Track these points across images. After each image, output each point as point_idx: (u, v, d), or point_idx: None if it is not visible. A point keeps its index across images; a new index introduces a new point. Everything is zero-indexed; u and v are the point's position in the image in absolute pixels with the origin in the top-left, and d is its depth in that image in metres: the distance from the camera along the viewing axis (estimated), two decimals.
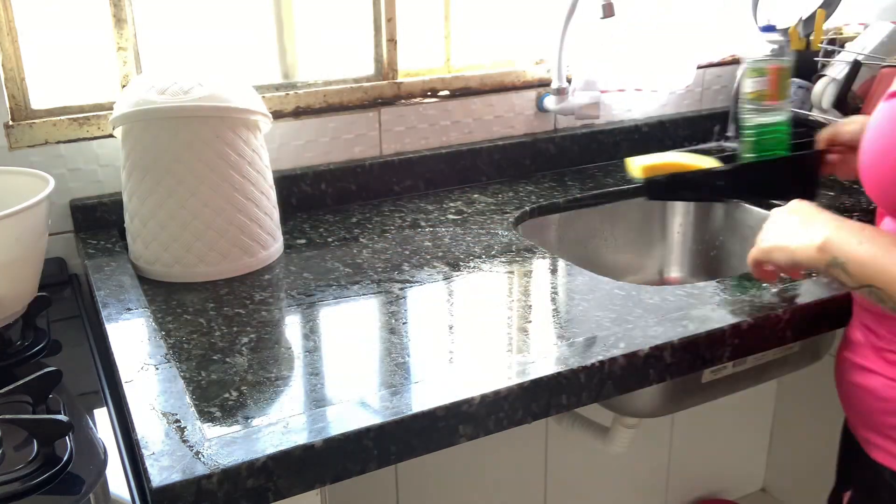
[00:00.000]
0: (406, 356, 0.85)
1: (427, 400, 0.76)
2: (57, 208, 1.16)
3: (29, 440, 0.73)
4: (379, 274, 1.06)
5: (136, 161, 1.03)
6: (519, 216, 1.28)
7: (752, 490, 1.87)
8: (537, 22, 1.46)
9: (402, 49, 1.35)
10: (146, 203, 1.03)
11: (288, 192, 1.27)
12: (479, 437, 0.78)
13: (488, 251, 1.13)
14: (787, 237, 0.86)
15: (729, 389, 1.12)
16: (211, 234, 1.03)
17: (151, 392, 0.78)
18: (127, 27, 1.17)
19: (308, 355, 0.86)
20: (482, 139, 1.45)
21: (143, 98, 1.01)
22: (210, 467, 0.66)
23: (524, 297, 0.99)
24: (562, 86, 1.41)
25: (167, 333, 0.90)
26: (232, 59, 1.27)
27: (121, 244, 1.13)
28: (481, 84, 1.42)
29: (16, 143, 1.12)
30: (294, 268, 1.09)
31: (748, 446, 1.82)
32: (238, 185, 1.04)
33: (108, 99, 1.19)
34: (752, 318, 0.91)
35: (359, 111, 1.33)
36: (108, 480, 0.72)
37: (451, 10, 1.40)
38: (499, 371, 0.81)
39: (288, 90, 1.28)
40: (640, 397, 1.09)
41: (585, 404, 0.84)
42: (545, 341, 0.88)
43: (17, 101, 1.13)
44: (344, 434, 0.71)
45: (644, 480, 1.71)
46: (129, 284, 1.02)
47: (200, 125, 1.01)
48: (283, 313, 0.96)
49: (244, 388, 0.79)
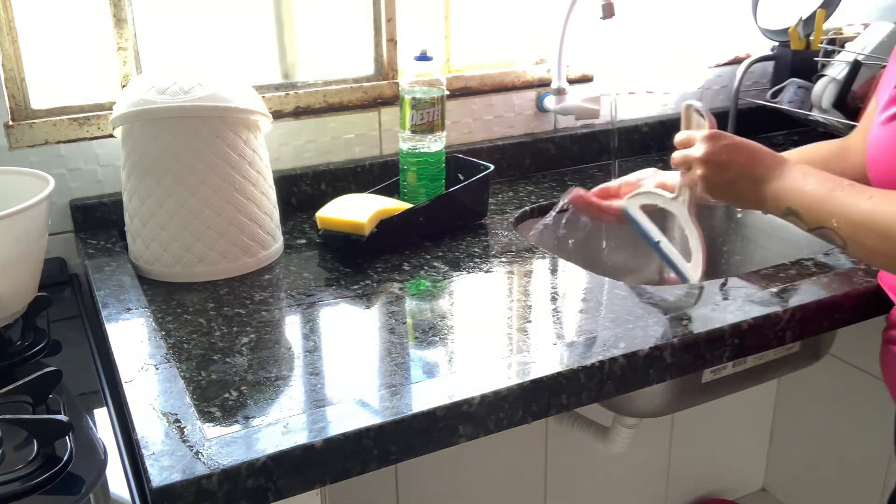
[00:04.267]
0: (406, 356, 0.85)
1: (427, 400, 0.76)
2: (57, 208, 1.16)
3: (29, 440, 0.74)
4: (379, 274, 1.06)
5: (136, 161, 1.03)
6: (519, 216, 1.28)
7: (752, 490, 1.87)
8: (537, 22, 1.46)
9: (401, 49, 1.35)
10: (146, 203, 1.03)
11: (288, 192, 1.27)
12: (479, 437, 0.78)
13: (488, 251, 1.13)
14: (735, 196, 0.90)
15: (729, 389, 1.12)
16: (211, 234, 1.03)
17: (151, 392, 0.78)
18: (127, 27, 1.17)
19: (308, 355, 0.86)
20: (482, 139, 1.45)
21: (143, 98, 1.01)
22: (210, 467, 0.66)
23: (524, 297, 0.99)
24: (562, 86, 1.41)
25: (167, 333, 0.90)
26: (232, 59, 1.27)
27: (121, 244, 1.13)
28: (481, 84, 1.42)
29: (16, 143, 1.12)
30: (294, 268, 1.09)
31: (748, 446, 1.82)
32: (238, 185, 1.04)
33: (108, 99, 1.19)
34: (752, 318, 0.91)
35: (359, 111, 1.33)
36: (108, 480, 0.72)
37: (451, 10, 1.40)
38: (499, 371, 0.81)
39: (288, 90, 1.28)
40: (640, 397, 1.09)
41: (585, 404, 0.84)
42: (545, 341, 0.88)
43: (17, 101, 1.13)
44: (344, 434, 0.71)
45: (644, 480, 1.71)
46: (129, 284, 1.02)
47: (200, 125, 1.01)
48: (283, 313, 0.96)
49: (244, 388, 0.79)
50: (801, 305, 0.94)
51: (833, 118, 1.40)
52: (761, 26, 1.60)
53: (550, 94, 1.43)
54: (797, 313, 0.94)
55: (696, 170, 0.92)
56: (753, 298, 0.96)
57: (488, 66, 1.45)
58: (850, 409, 1.57)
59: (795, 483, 1.80)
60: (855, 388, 1.54)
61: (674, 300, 0.96)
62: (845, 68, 1.38)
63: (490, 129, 1.45)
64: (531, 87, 1.46)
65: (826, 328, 0.99)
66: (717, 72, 1.64)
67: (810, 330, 0.97)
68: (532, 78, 1.46)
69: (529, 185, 1.41)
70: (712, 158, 0.90)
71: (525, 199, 1.34)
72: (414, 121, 1.17)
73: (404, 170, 1.22)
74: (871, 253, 0.79)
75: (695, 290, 1.00)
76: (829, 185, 0.82)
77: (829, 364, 1.58)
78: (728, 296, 0.98)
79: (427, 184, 1.21)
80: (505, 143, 1.44)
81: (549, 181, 1.43)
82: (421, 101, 1.16)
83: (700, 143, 0.91)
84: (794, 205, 0.84)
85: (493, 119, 1.45)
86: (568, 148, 1.50)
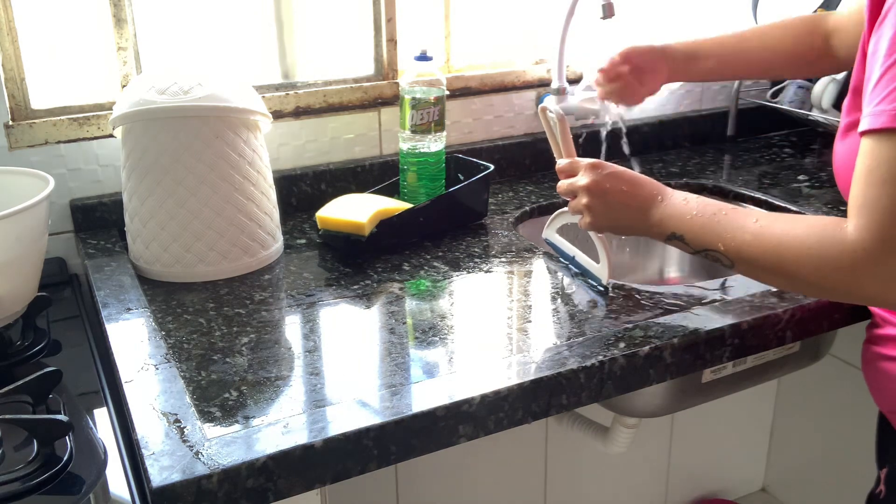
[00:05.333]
0: (406, 356, 0.85)
1: (427, 400, 0.76)
2: (57, 208, 1.16)
3: (29, 440, 0.74)
4: (379, 274, 1.06)
5: (136, 161, 1.03)
6: (519, 216, 1.28)
7: (752, 490, 1.88)
8: (537, 22, 1.46)
9: (402, 49, 1.35)
10: (146, 203, 1.03)
11: (288, 192, 1.27)
12: (479, 437, 0.78)
13: (488, 251, 1.13)
14: (619, 225, 0.93)
15: (729, 389, 1.12)
16: (211, 234, 1.03)
17: (151, 392, 0.78)
18: (127, 27, 1.17)
19: (308, 355, 0.86)
20: (482, 139, 1.45)
21: (143, 98, 1.01)
22: (210, 467, 0.66)
23: (524, 297, 0.99)
24: (562, 86, 1.41)
25: (167, 333, 0.90)
26: (232, 59, 1.27)
27: (121, 244, 1.13)
28: (481, 84, 1.42)
29: (16, 143, 1.12)
30: (294, 268, 1.09)
31: (748, 446, 1.82)
32: (238, 185, 1.04)
33: (108, 99, 1.19)
34: (752, 318, 0.91)
35: (359, 111, 1.33)
36: (108, 480, 0.72)
37: (451, 10, 1.40)
38: (499, 371, 0.81)
39: (288, 90, 1.28)
40: (640, 397, 1.09)
41: (585, 404, 0.84)
42: (545, 341, 0.88)
43: (17, 101, 1.13)
44: (344, 434, 0.71)
45: (644, 480, 1.71)
46: (129, 284, 1.02)
47: (200, 125, 1.01)
48: (283, 313, 0.96)
49: (244, 388, 0.79)
50: (801, 305, 0.94)
51: (833, 118, 1.40)
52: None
53: (550, 94, 1.43)
54: (797, 313, 0.94)
55: (581, 198, 0.94)
56: (753, 298, 0.96)
57: (488, 66, 1.45)
58: (850, 409, 1.57)
59: (795, 483, 1.80)
60: (855, 388, 1.53)
61: (674, 300, 0.96)
62: None
63: (490, 129, 1.45)
64: (531, 87, 1.46)
65: (826, 328, 0.99)
66: None
67: (810, 330, 0.97)
68: (532, 78, 1.46)
69: (529, 185, 1.41)
70: (595, 187, 0.92)
71: (525, 199, 1.34)
72: (414, 121, 1.18)
73: (404, 170, 1.22)
74: (760, 271, 0.80)
75: (695, 291, 1.00)
76: (713, 209, 0.84)
77: (829, 364, 1.58)
78: (728, 296, 0.98)
79: (427, 184, 1.22)
80: (505, 143, 1.44)
81: (549, 181, 1.43)
82: (421, 101, 1.17)
83: (583, 173, 0.94)
84: (678, 230, 0.86)
85: (493, 119, 1.45)
86: None
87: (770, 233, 0.78)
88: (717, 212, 0.84)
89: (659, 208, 0.88)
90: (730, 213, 0.83)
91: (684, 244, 0.86)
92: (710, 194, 1.41)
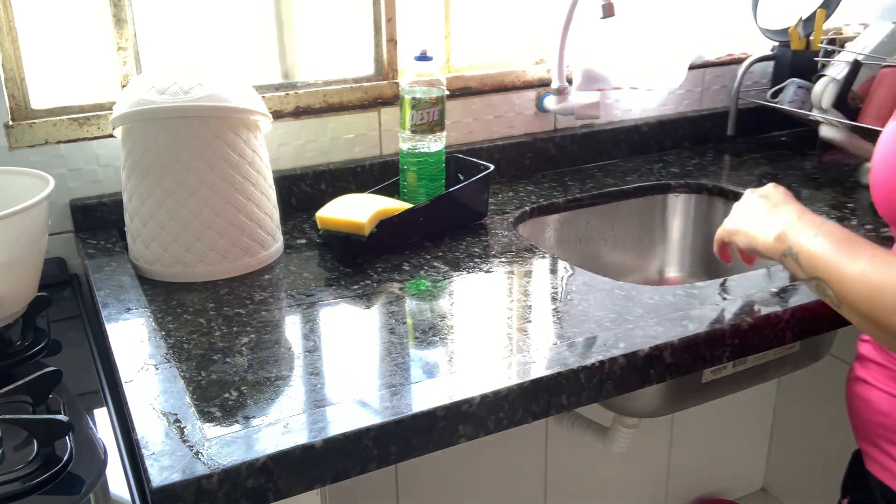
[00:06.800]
0: (406, 356, 0.85)
1: (427, 400, 0.76)
2: (57, 208, 1.16)
3: (29, 440, 0.74)
4: (379, 274, 1.06)
5: (136, 161, 1.03)
6: (519, 216, 1.28)
7: (752, 490, 1.88)
8: (537, 22, 1.46)
9: (402, 49, 1.35)
10: (146, 203, 1.03)
11: (288, 192, 1.27)
12: (479, 437, 0.78)
13: (488, 251, 1.13)
14: (751, 223, 0.90)
15: (729, 389, 1.12)
16: (211, 234, 1.03)
17: (151, 392, 0.78)
18: (127, 27, 1.17)
19: (308, 355, 0.86)
20: (482, 139, 1.45)
21: (143, 98, 1.01)
22: (210, 467, 0.66)
23: (524, 297, 0.99)
24: (562, 86, 1.41)
25: (167, 333, 0.90)
26: (232, 59, 1.27)
27: (121, 244, 1.13)
28: (481, 84, 1.42)
29: (16, 143, 1.12)
30: (294, 268, 1.09)
31: (748, 446, 1.82)
32: (238, 185, 1.04)
33: (108, 99, 1.19)
34: (752, 318, 0.91)
35: (359, 111, 1.33)
36: (108, 480, 0.72)
37: (451, 10, 1.40)
38: (499, 371, 0.81)
39: (288, 90, 1.28)
40: (640, 397, 1.09)
41: (585, 404, 0.84)
42: (545, 341, 0.88)
43: (17, 101, 1.13)
44: (344, 434, 0.71)
45: (644, 480, 1.71)
46: (129, 284, 1.02)
47: (200, 125, 1.01)
48: (283, 313, 0.96)
49: (244, 388, 0.79)
50: (801, 305, 0.94)
51: (833, 118, 1.40)
52: (761, 26, 1.60)
53: (550, 94, 1.43)
54: (797, 313, 0.94)
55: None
56: (753, 298, 0.96)
57: (488, 66, 1.45)
58: None
59: (795, 483, 1.81)
60: None
61: (674, 300, 0.96)
62: (845, 68, 1.38)
63: (490, 129, 1.45)
64: (531, 87, 1.46)
65: (826, 328, 0.99)
66: (717, 71, 1.64)
67: (810, 330, 0.97)
68: (532, 78, 1.46)
69: (529, 185, 1.41)
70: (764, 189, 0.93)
71: (525, 199, 1.34)
72: (414, 121, 1.18)
73: (404, 170, 1.22)
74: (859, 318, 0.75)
75: (695, 291, 1.00)
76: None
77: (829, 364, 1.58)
78: (728, 296, 0.98)
79: (427, 184, 1.21)
80: (505, 143, 1.44)
81: (549, 181, 1.43)
82: (421, 101, 1.17)
83: None
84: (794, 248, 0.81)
85: (493, 119, 1.45)
86: (568, 148, 1.50)
87: None
88: (841, 239, 0.78)
89: (790, 217, 0.84)
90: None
91: (798, 266, 0.81)
92: (710, 194, 1.42)
